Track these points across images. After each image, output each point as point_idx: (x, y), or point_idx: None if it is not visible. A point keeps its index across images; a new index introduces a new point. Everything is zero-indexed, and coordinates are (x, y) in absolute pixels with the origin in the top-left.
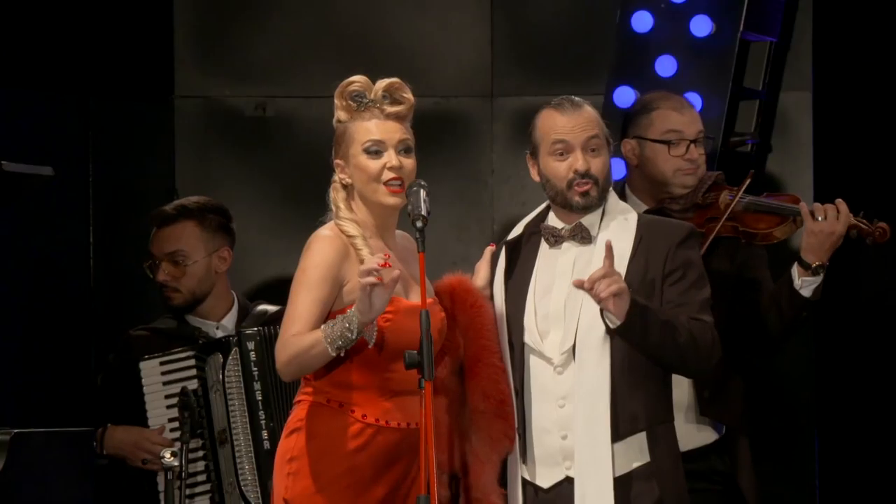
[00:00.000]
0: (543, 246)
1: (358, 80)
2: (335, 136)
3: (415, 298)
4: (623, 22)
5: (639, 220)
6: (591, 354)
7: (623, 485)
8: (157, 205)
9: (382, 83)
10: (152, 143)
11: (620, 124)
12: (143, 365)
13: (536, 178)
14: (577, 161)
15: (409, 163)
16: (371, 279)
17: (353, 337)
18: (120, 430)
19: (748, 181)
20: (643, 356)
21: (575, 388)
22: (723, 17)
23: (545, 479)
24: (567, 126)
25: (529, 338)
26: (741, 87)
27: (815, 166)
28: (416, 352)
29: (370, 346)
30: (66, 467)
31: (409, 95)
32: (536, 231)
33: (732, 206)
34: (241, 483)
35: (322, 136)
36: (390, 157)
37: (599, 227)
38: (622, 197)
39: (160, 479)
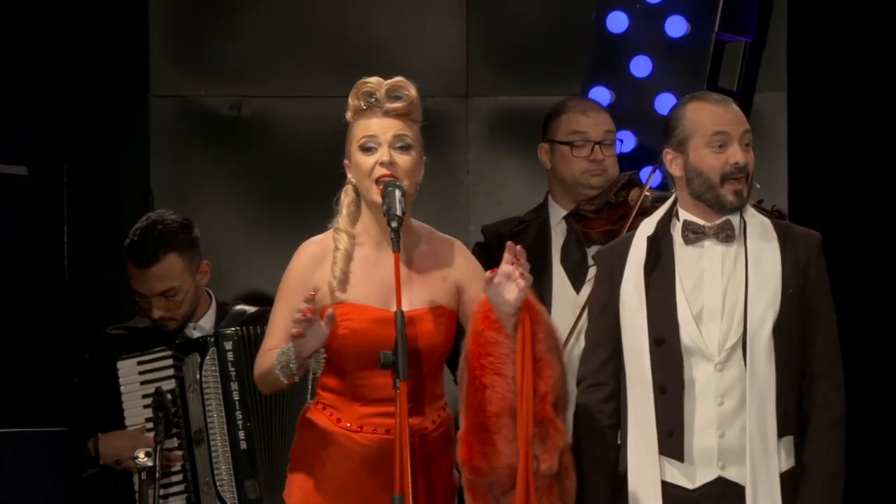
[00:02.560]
0: (678, 243)
1: (371, 81)
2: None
3: (408, 304)
4: (598, 22)
5: (772, 224)
6: (762, 351)
7: (783, 485)
8: (132, 205)
9: (388, 82)
10: (127, 142)
11: None
12: (120, 364)
13: (678, 172)
14: (737, 154)
15: (405, 159)
16: (293, 331)
17: (296, 370)
18: (113, 436)
19: (652, 176)
20: (798, 358)
21: (741, 384)
22: (698, 18)
23: (692, 479)
24: (726, 117)
25: (686, 335)
26: (716, 88)
27: (790, 166)
28: (391, 352)
29: (318, 374)
30: (39, 467)
31: (409, 92)
32: (666, 229)
33: (640, 201)
34: (217, 483)
35: (299, 136)
36: (382, 153)
37: (743, 228)
38: (545, 204)
39: (136, 478)
